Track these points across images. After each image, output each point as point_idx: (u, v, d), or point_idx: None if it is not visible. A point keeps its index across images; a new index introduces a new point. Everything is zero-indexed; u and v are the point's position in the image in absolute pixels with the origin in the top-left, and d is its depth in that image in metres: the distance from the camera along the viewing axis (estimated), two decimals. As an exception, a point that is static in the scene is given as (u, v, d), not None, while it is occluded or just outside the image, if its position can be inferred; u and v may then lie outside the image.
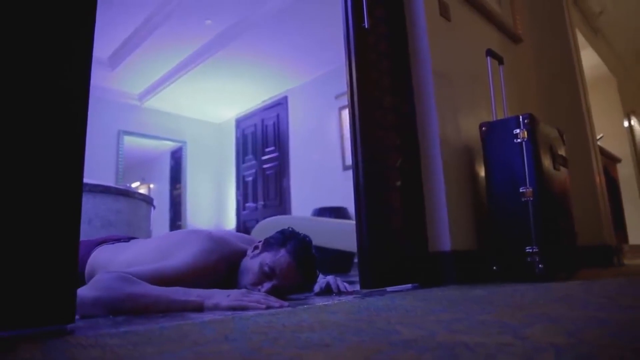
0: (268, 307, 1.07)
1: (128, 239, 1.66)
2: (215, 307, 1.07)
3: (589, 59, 4.45)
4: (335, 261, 4.39)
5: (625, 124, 5.45)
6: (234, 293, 1.11)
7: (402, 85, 1.92)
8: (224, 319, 0.91)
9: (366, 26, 1.74)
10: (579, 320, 0.80)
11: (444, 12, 2.06)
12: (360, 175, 1.63)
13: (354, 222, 4.75)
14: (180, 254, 1.25)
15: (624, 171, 5.00)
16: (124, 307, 1.03)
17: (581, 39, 3.61)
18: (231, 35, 4.81)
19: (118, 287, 1.05)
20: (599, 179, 2.76)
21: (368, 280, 1.56)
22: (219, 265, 1.27)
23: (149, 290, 1.07)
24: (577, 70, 2.90)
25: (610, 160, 4.05)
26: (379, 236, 1.66)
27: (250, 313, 1.01)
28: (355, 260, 4.56)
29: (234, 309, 1.06)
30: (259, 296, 1.12)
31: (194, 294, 1.09)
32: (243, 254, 1.35)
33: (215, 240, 1.31)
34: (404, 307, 1.08)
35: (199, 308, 1.07)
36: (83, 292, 1.01)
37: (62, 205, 0.83)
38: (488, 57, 2.08)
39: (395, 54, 1.93)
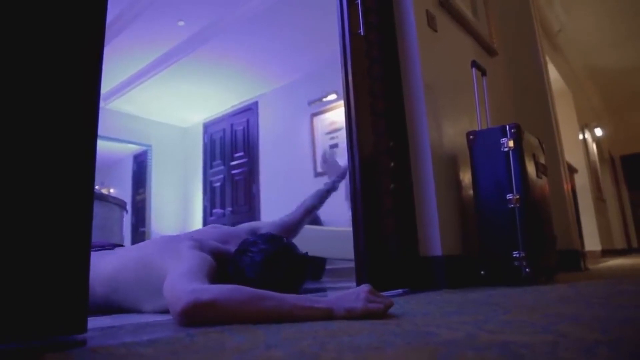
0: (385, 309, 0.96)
1: (112, 246, 1.58)
2: (349, 312, 0.91)
3: (549, 73, 4.72)
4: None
5: (580, 136, 5.80)
6: (360, 297, 0.94)
7: (393, 91, 1.95)
8: (240, 327, 0.86)
9: (362, 33, 1.76)
10: (599, 318, 0.83)
11: (431, 22, 2.12)
12: (357, 179, 1.63)
13: (326, 228, 4.73)
14: (177, 257, 1.17)
15: (580, 181, 5.32)
16: (244, 311, 0.90)
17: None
18: (203, 38, 4.72)
19: (235, 288, 0.93)
20: (567, 188, 2.92)
21: (365, 285, 1.56)
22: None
23: (267, 293, 0.92)
24: (546, 84, 3.06)
25: (569, 171, 4.29)
26: (374, 241, 1.67)
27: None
28: (328, 267, 4.57)
29: (369, 313, 0.91)
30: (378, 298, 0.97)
31: (320, 301, 0.94)
32: (225, 254, 1.29)
33: (195, 239, 1.26)
34: (417, 310, 1.08)
35: (328, 316, 0.91)
36: (195, 294, 0.89)
37: (74, 214, 0.78)
38: (473, 68, 2.16)
39: (386, 61, 1.96)
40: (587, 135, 6.38)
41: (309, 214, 1.73)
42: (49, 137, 0.76)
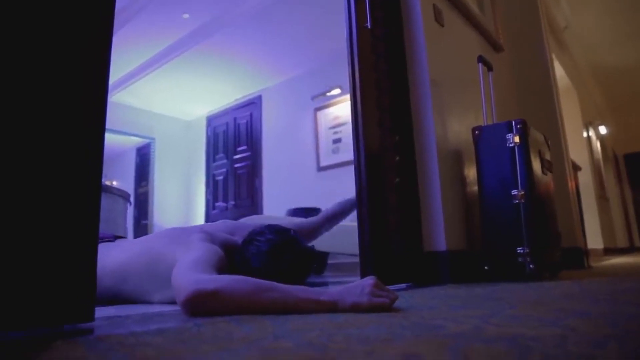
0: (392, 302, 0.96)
1: (113, 238, 1.58)
2: (354, 306, 0.90)
3: (555, 71, 4.70)
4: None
5: (584, 134, 5.78)
6: (365, 291, 0.93)
7: (399, 86, 1.95)
8: (247, 317, 0.86)
9: (369, 26, 1.75)
10: (606, 314, 0.83)
11: (438, 17, 2.10)
12: (363, 174, 1.63)
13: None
14: (186, 248, 1.17)
15: (583, 179, 5.30)
16: (249, 302, 0.90)
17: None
18: (208, 31, 4.71)
19: (240, 279, 0.93)
20: (571, 185, 2.91)
21: (369, 279, 1.56)
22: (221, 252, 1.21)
23: (272, 284, 0.92)
24: (551, 81, 3.05)
25: (572, 168, 4.27)
26: (379, 235, 1.67)
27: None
28: (330, 261, 4.59)
29: (374, 308, 0.90)
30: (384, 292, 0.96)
31: (325, 293, 0.93)
32: (234, 245, 1.29)
33: (205, 231, 1.26)
34: (423, 304, 1.08)
35: (333, 309, 0.91)
36: (199, 284, 0.90)
37: (82, 203, 0.78)
38: (480, 64, 2.15)
39: (393, 55, 1.95)
40: (591, 133, 6.35)
41: (330, 221, 1.72)
42: (61, 130, 0.77)
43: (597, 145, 6.79)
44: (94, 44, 0.83)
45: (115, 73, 5.57)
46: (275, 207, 5.57)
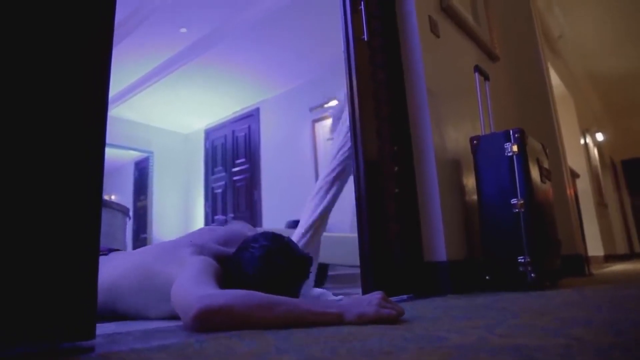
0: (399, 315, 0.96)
1: (107, 251, 1.57)
2: (361, 317, 0.91)
3: (551, 79, 4.73)
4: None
5: (582, 141, 5.80)
6: (373, 302, 0.94)
7: (397, 96, 1.96)
8: (249, 332, 0.85)
9: (365, 38, 1.77)
10: (609, 322, 0.83)
11: (434, 28, 2.13)
12: (362, 184, 1.63)
13: (329, 234, 4.74)
14: (181, 263, 1.16)
15: (581, 186, 5.30)
16: (256, 316, 0.89)
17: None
18: (205, 44, 4.75)
19: (245, 293, 0.93)
20: (570, 192, 2.92)
21: (370, 291, 1.55)
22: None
23: (278, 298, 0.93)
24: (548, 89, 3.07)
25: (570, 176, 4.28)
26: (379, 246, 1.66)
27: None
28: (330, 273, 4.56)
29: (381, 319, 0.91)
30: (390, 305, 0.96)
31: (332, 306, 0.94)
32: (225, 255, 1.27)
33: (195, 244, 1.25)
34: (425, 315, 1.08)
35: (339, 321, 0.91)
36: (206, 300, 0.90)
37: (83, 220, 0.78)
38: (476, 73, 2.17)
39: (390, 66, 1.97)
40: (589, 140, 6.38)
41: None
42: (61, 145, 0.77)
43: (595, 152, 6.82)
44: (94, 57, 0.84)
45: (113, 87, 5.58)
46: (274, 219, 5.56)
